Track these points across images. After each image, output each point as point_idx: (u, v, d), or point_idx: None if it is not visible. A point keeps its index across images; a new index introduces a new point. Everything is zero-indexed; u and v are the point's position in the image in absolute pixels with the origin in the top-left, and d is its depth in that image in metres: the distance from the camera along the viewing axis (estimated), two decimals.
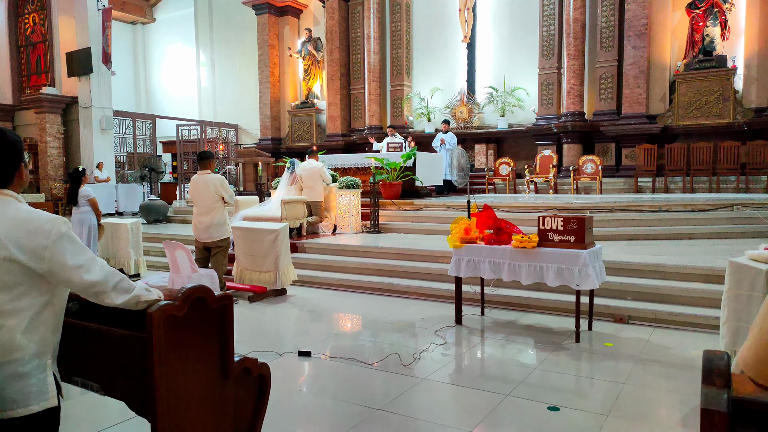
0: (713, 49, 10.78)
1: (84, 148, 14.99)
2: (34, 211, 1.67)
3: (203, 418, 2.07)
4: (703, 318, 4.88)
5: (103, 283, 1.72)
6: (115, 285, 1.76)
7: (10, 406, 1.58)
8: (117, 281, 1.77)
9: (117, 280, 1.77)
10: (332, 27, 15.08)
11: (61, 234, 1.64)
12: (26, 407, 1.60)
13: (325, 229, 8.99)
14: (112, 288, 1.75)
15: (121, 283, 1.78)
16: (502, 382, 3.78)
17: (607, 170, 11.61)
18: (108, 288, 1.74)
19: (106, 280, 1.73)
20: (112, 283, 1.75)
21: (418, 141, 12.66)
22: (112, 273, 1.76)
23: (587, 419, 3.19)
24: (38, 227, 1.61)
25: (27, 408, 1.60)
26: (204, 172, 6.16)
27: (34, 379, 1.63)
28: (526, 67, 12.99)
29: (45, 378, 1.65)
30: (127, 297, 1.80)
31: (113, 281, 1.75)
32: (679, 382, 3.73)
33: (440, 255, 6.70)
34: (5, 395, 1.57)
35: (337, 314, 6.01)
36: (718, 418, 1.05)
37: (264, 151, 13.68)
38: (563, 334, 4.83)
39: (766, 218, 7.43)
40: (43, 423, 1.65)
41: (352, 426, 3.15)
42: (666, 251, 6.39)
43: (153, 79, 20.85)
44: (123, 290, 1.78)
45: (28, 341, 1.61)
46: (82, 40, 14.66)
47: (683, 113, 10.96)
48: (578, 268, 4.46)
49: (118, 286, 1.77)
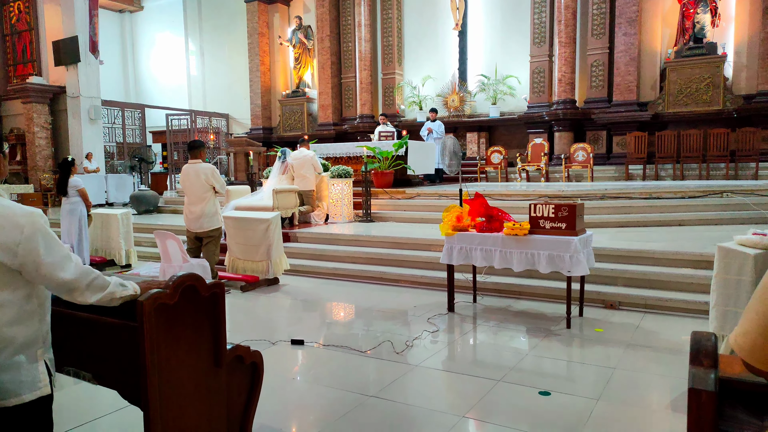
0: (703, 36, 10.80)
1: (73, 138, 14.83)
2: (10, 204, 1.62)
3: (196, 406, 2.07)
4: (693, 303, 4.93)
5: (77, 281, 1.69)
6: (89, 283, 1.73)
7: (2, 396, 1.58)
8: (91, 279, 1.74)
9: (91, 278, 1.75)
10: (323, 15, 14.95)
11: (36, 229, 1.60)
12: (18, 396, 1.60)
13: (317, 218, 8.98)
14: (86, 286, 1.73)
15: (95, 280, 1.76)
16: (494, 368, 3.81)
17: (599, 158, 11.66)
18: (82, 286, 1.72)
19: (80, 278, 1.70)
20: (86, 281, 1.73)
21: (410, 130, 12.62)
22: (86, 271, 1.74)
23: (578, 403, 3.23)
24: (12, 222, 1.57)
25: (19, 397, 1.60)
26: (195, 161, 6.12)
27: (25, 369, 1.62)
28: (517, 55, 12.97)
29: (36, 367, 1.65)
30: (101, 295, 1.77)
31: (87, 279, 1.73)
32: (669, 366, 3.78)
33: (432, 243, 6.72)
34: None
35: (330, 303, 6.02)
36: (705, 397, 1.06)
37: (255, 141, 13.60)
38: (554, 320, 4.87)
39: (755, 204, 7.49)
40: (36, 411, 1.65)
41: (346, 413, 3.17)
42: (656, 238, 6.44)
43: (142, 68, 20.62)
44: (97, 288, 1.76)
45: (14, 333, 1.60)
46: (69, 29, 14.45)
47: (673, 100, 10.99)
48: (569, 254, 4.49)
49: (92, 284, 1.75)
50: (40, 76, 15.52)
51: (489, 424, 3.06)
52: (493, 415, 3.14)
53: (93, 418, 3.16)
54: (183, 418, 2.02)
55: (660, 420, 3.06)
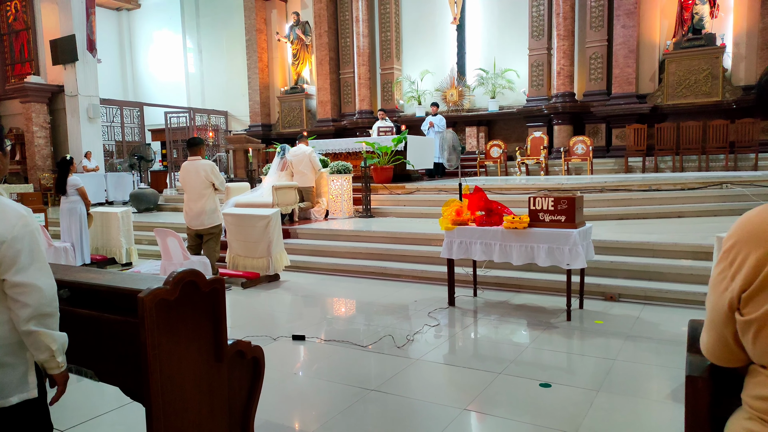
0: (702, 27, 10.78)
1: (71, 137, 14.83)
2: (7, 203, 1.61)
3: (198, 401, 2.08)
4: (692, 294, 4.94)
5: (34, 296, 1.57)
6: (41, 312, 1.58)
7: None
8: (48, 312, 1.61)
9: (48, 311, 1.61)
10: (320, 10, 14.91)
11: (27, 232, 1.57)
12: (5, 398, 1.58)
13: (317, 214, 8.98)
14: (39, 313, 1.58)
15: (50, 316, 1.62)
16: (495, 361, 3.82)
17: (598, 151, 11.65)
18: (33, 308, 1.57)
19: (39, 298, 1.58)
20: (42, 310, 1.59)
21: (409, 125, 12.62)
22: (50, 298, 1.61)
23: (578, 395, 3.24)
24: (4, 218, 1.56)
25: (6, 400, 1.58)
26: (194, 158, 6.12)
27: (14, 371, 1.60)
28: (516, 49, 12.94)
29: (26, 370, 1.63)
30: (41, 329, 1.59)
31: (43, 309, 1.59)
32: (669, 357, 3.79)
33: (432, 238, 6.72)
34: None
35: (331, 298, 6.03)
36: (701, 384, 1.07)
37: (254, 138, 13.59)
38: (554, 313, 4.89)
39: (754, 195, 7.50)
40: (25, 414, 1.63)
41: (348, 406, 3.18)
42: (656, 230, 6.45)
43: (140, 67, 20.58)
44: (44, 324, 1.60)
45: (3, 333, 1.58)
46: (66, 28, 14.43)
47: (672, 92, 10.98)
48: (568, 247, 4.50)
49: (43, 315, 1.59)
50: (38, 76, 15.49)
51: (490, 417, 3.08)
52: (494, 408, 3.15)
53: (96, 415, 3.18)
54: (185, 413, 2.03)
55: (660, 410, 3.07)
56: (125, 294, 2.04)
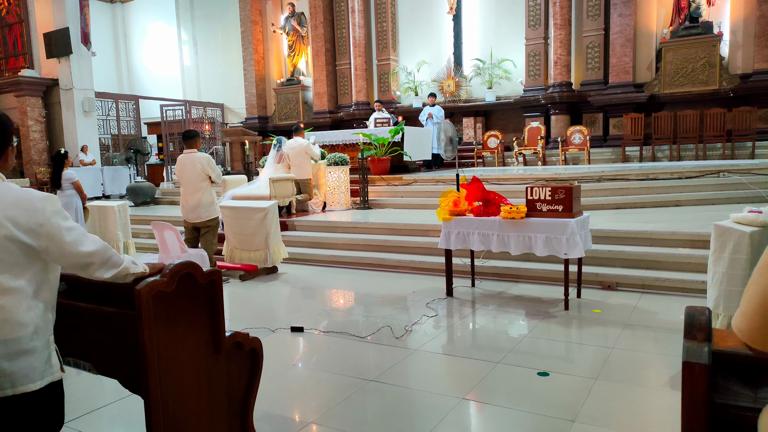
0: (699, 15, 10.73)
1: (67, 131, 14.75)
2: (26, 189, 1.69)
3: (196, 393, 2.09)
4: (690, 282, 4.96)
5: (96, 256, 1.76)
6: (107, 259, 1.80)
7: (21, 381, 1.61)
8: (109, 255, 1.81)
9: (109, 254, 1.81)
10: (316, 1, 14.79)
11: (55, 211, 1.67)
12: (35, 382, 1.63)
13: (314, 206, 8.97)
14: (104, 262, 1.79)
15: (112, 257, 1.82)
16: (493, 351, 3.83)
17: (595, 140, 11.64)
18: (100, 261, 1.77)
19: (98, 253, 1.76)
20: (105, 257, 1.79)
21: (406, 116, 12.58)
22: (104, 247, 1.80)
23: (576, 383, 3.25)
24: (33, 205, 1.64)
25: (36, 383, 1.63)
26: (190, 150, 6.10)
27: (40, 354, 1.66)
28: (512, 38, 12.88)
29: (50, 353, 1.69)
30: (116, 270, 1.83)
31: (106, 255, 1.79)
32: (667, 345, 3.80)
33: (430, 229, 6.73)
34: (14, 371, 1.60)
35: (329, 290, 6.04)
36: (698, 369, 1.07)
37: (251, 130, 13.53)
38: (552, 303, 4.90)
39: (751, 184, 7.50)
40: (52, 395, 1.70)
41: (347, 397, 3.19)
42: (653, 218, 6.46)
43: (135, 59, 20.44)
44: (113, 264, 1.82)
45: (30, 319, 1.63)
46: (60, 21, 14.31)
47: (670, 81, 10.95)
48: (566, 237, 4.50)
49: (109, 260, 1.81)
50: (33, 69, 15.38)
51: (489, 405, 3.09)
52: (492, 397, 3.17)
53: (95, 408, 3.18)
54: (183, 405, 2.03)
55: (658, 398, 3.09)
56: (123, 286, 2.04)
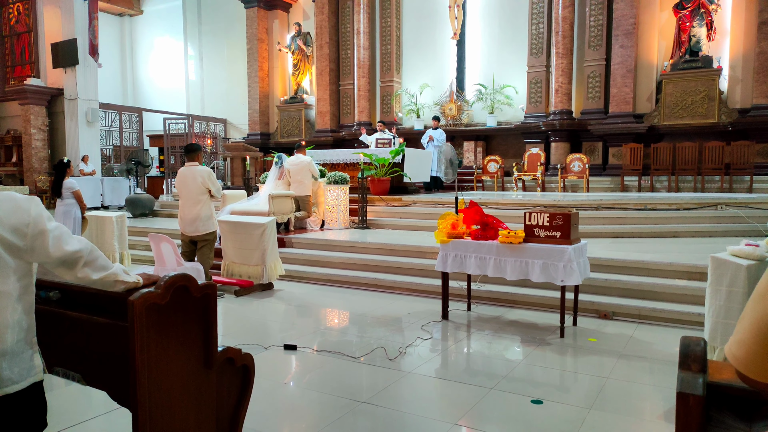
0: (699, 49, 10.89)
1: (69, 140, 14.81)
2: (8, 192, 1.70)
3: (185, 407, 2.06)
4: (687, 314, 4.94)
5: (82, 254, 1.74)
6: (93, 259, 1.78)
7: (4, 383, 1.60)
8: (96, 256, 1.79)
9: (96, 255, 1.79)
10: (322, 22, 15.02)
11: (40, 211, 1.68)
12: (18, 383, 1.62)
13: (312, 224, 8.97)
14: (91, 261, 1.77)
15: (99, 259, 1.80)
16: (487, 377, 3.80)
17: (594, 169, 11.70)
18: (86, 260, 1.76)
19: (84, 251, 1.75)
20: (91, 257, 1.77)
21: (407, 138, 12.66)
22: (91, 247, 1.78)
23: (570, 412, 3.22)
24: (18, 205, 1.64)
25: (19, 383, 1.62)
26: (192, 163, 6.11)
27: (23, 356, 1.65)
28: (515, 65, 13.03)
29: (33, 354, 1.69)
30: (104, 273, 1.80)
31: (92, 255, 1.77)
32: (662, 376, 3.77)
33: (427, 251, 6.72)
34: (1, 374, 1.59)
35: (324, 309, 6.00)
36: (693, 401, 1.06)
37: (252, 146, 13.60)
38: (548, 330, 4.87)
39: (749, 217, 7.53)
40: (34, 396, 1.69)
41: (337, 418, 3.15)
42: (650, 249, 6.46)
43: (140, 72, 20.62)
44: (100, 267, 1.80)
45: (15, 321, 1.62)
46: (68, 31, 14.48)
47: (669, 113, 11.06)
48: (563, 263, 4.49)
49: (96, 261, 1.79)
50: (38, 78, 15.50)
51: None
52: (485, 423, 3.13)
53: (83, 420, 3.13)
54: (171, 420, 2.00)
55: (652, 430, 3.05)
56: (116, 297, 2.02)
